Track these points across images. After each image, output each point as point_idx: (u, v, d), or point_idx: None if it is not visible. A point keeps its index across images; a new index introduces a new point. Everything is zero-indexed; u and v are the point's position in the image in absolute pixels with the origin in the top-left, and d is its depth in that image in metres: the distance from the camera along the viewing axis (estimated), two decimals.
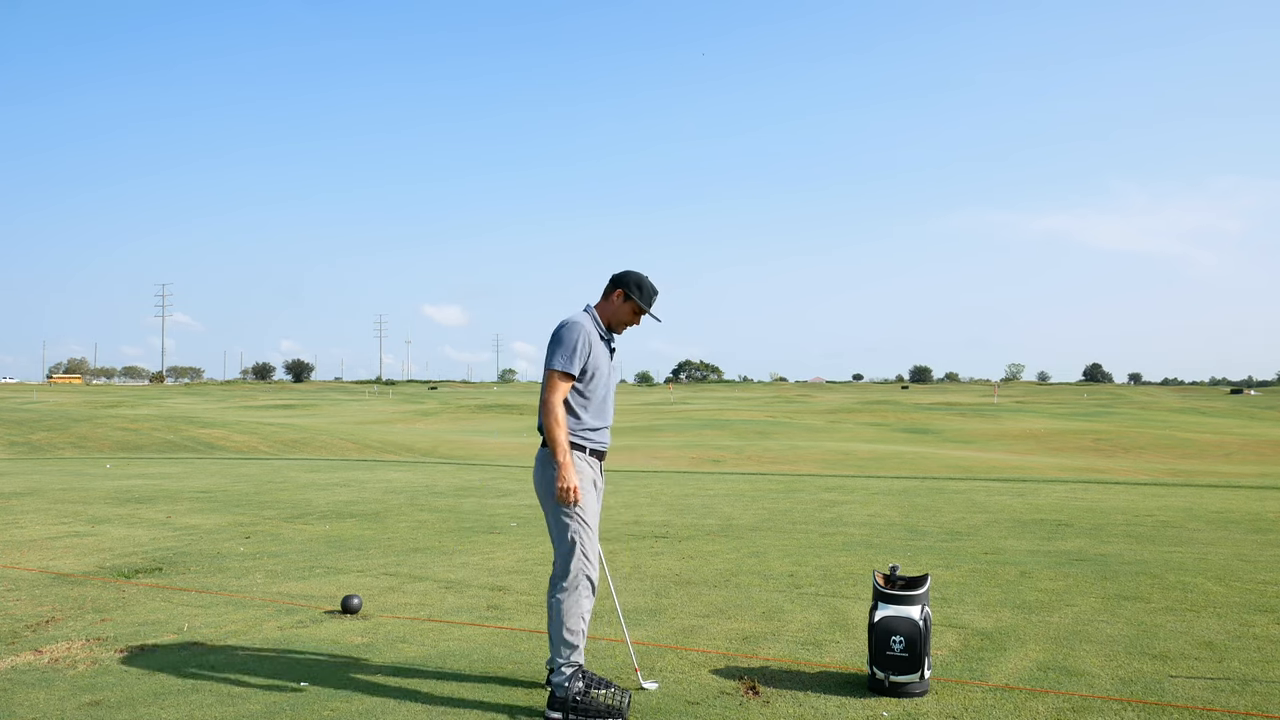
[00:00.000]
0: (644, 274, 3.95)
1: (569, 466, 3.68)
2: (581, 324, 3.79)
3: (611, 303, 3.91)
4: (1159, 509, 9.67)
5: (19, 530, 8.47)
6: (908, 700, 3.74)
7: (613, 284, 3.92)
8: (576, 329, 3.76)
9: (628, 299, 3.90)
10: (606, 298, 3.93)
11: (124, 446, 25.52)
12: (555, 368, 3.72)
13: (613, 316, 3.92)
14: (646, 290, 3.92)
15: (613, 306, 3.91)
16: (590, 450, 3.83)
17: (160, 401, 71.47)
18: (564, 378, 3.72)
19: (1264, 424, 55.78)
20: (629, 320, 3.94)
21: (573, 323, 3.78)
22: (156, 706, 3.71)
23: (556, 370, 3.72)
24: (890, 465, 23.94)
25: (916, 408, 67.41)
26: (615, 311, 3.91)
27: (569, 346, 3.73)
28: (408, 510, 9.90)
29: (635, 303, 3.90)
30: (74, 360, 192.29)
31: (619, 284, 3.91)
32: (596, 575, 3.78)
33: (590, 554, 3.77)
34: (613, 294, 3.91)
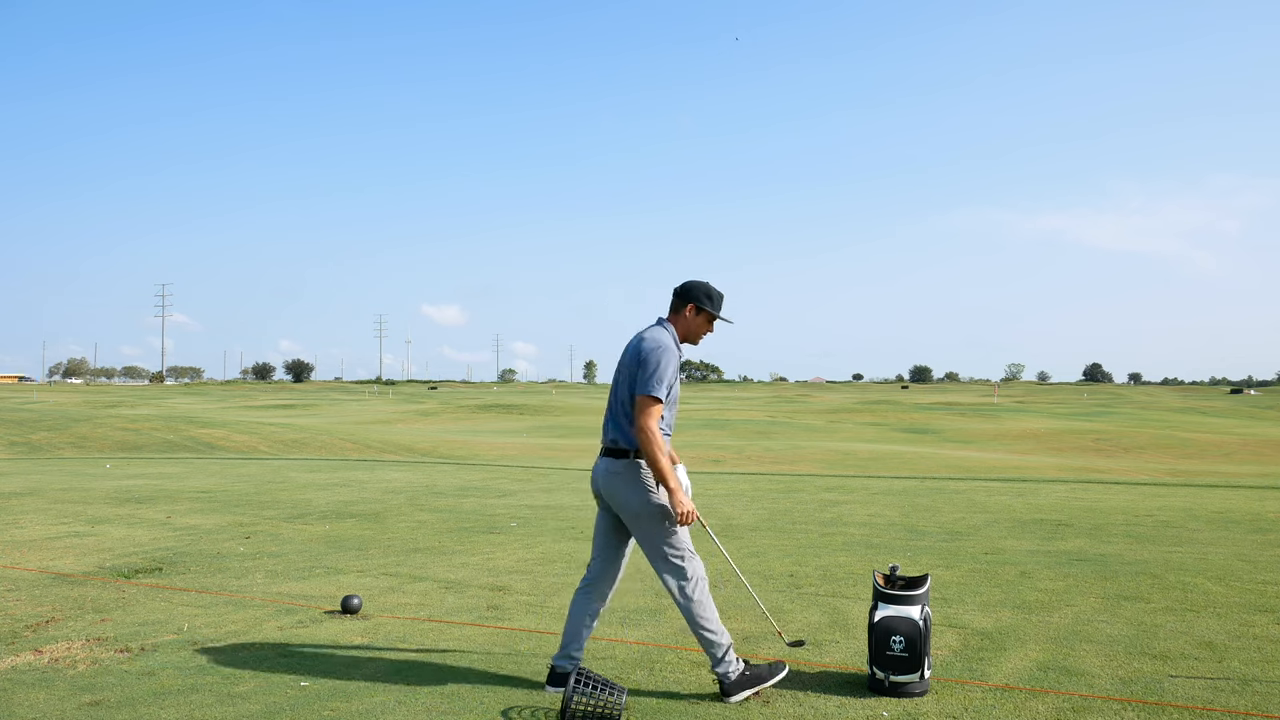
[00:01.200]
0: (706, 281, 4.00)
1: (680, 491, 3.78)
2: (670, 347, 3.85)
3: (685, 317, 3.97)
4: (1159, 509, 9.67)
5: (19, 530, 8.47)
6: (908, 700, 3.74)
7: (682, 299, 3.97)
8: (670, 355, 3.82)
9: (700, 311, 3.95)
10: (678, 313, 3.98)
11: (124, 446, 25.52)
12: (653, 394, 3.75)
13: (688, 330, 3.98)
14: (716, 298, 3.99)
15: (687, 321, 3.97)
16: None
17: (160, 401, 71.45)
18: (658, 402, 3.77)
19: (1264, 424, 55.78)
20: (705, 330, 4.01)
21: (665, 347, 3.82)
22: (156, 706, 3.71)
23: (653, 396, 3.76)
24: (890, 465, 23.94)
25: (916, 408, 67.40)
26: (690, 325, 3.98)
27: (665, 373, 3.78)
28: (408, 510, 9.90)
29: (709, 313, 3.96)
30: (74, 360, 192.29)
31: (689, 298, 3.95)
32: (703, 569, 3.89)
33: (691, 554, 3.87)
34: (684, 309, 3.96)
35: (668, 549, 3.84)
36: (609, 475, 3.89)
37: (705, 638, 3.82)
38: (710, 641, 3.81)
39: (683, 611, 3.85)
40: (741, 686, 3.75)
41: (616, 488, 3.87)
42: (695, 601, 3.82)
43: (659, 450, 3.73)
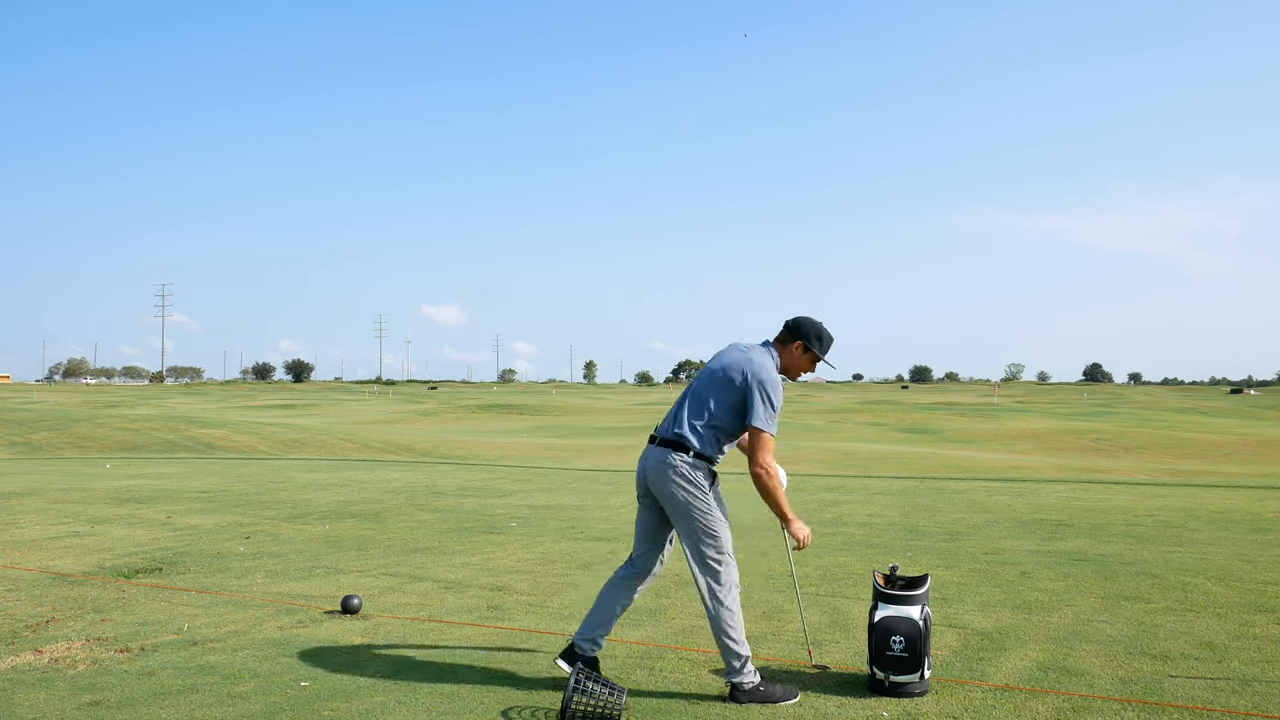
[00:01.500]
0: (820, 321, 4.01)
1: (797, 521, 3.93)
2: (779, 379, 3.89)
3: (791, 352, 3.99)
4: (1159, 509, 9.67)
5: (19, 530, 8.47)
6: (908, 700, 3.74)
7: (791, 333, 3.98)
8: (779, 387, 3.87)
9: (807, 350, 3.98)
10: (785, 345, 3.99)
11: (124, 446, 25.52)
12: (768, 430, 3.81)
13: (791, 365, 4.00)
14: (826, 341, 4.00)
15: (793, 356, 3.99)
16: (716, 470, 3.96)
17: (160, 401, 71.44)
18: (774, 439, 3.84)
19: (1264, 424, 55.77)
20: (805, 369, 4.03)
21: (776, 379, 3.87)
22: (156, 706, 3.71)
23: (769, 433, 3.81)
24: (890, 465, 23.94)
25: (916, 408, 67.40)
26: (794, 360, 3.99)
27: (775, 404, 3.83)
28: (408, 510, 9.90)
29: (814, 354, 3.98)
30: (74, 360, 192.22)
31: (799, 334, 3.97)
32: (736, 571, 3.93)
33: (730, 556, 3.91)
34: (792, 344, 3.98)
35: (707, 549, 3.85)
36: (661, 466, 3.87)
37: (726, 645, 3.80)
38: (731, 651, 3.80)
39: (709, 615, 3.85)
40: (753, 699, 3.74)
41: (666, 480, 3.86)
42: (725, 608, 3.82)
43: (780, 490, 3.85)
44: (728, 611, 3.82)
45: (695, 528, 3.86)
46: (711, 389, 3.90)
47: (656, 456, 3.92)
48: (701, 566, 3.88)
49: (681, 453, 3.86)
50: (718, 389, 3.88)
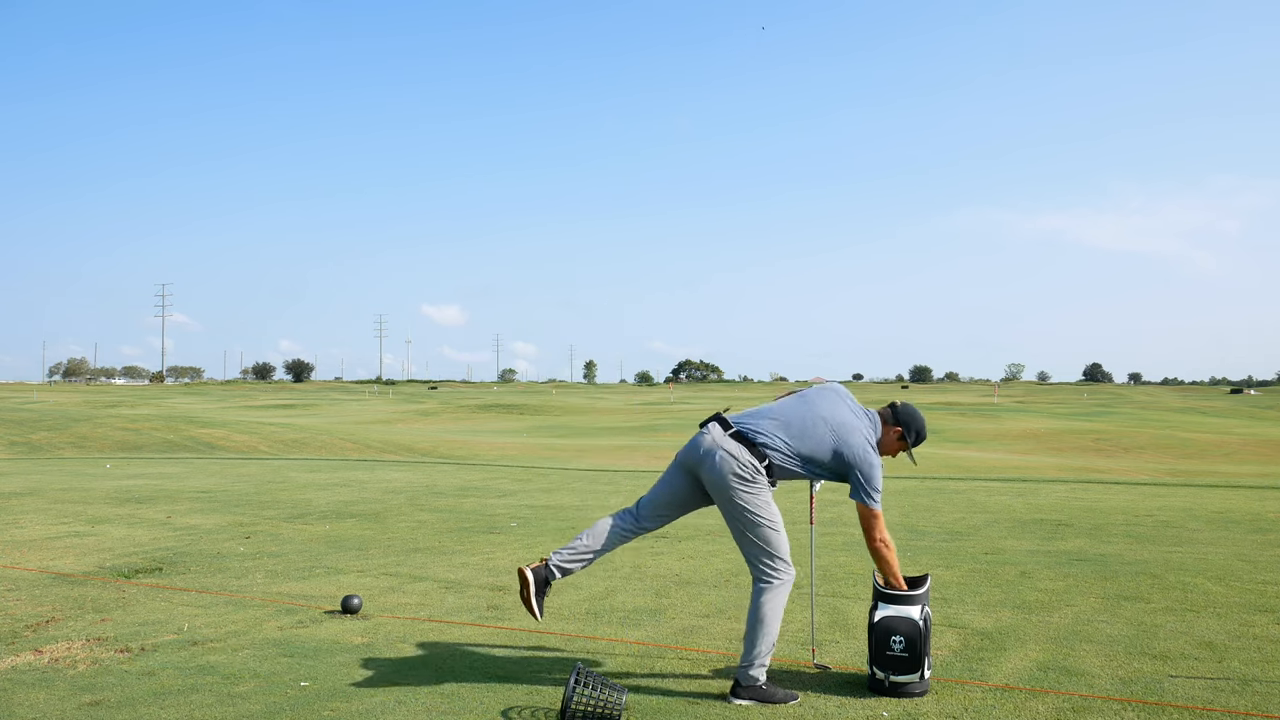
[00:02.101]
0: (924, 419, 4.14)
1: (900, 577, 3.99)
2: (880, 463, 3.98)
3: (889, 436, 4.07)
4: (1159, 509, 9.67)
5: (19, 530, 8.47)
6: (908, 700, 3.74)
7: (895, 419, 4.08)
8: (880, 466, 3.96)
9: (902, 439, 4.07)
10: (888, 424, 4.07)
11: (124, 446, 25.52)
12: (876, 508, 3.90)
13: (885, 446, 4.09)
14: (921, 438, 4.12)
15: (890, 437, 4.07)
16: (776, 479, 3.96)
17: (160, 401, 71.44)
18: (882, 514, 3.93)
19: (1264, 424, 55.78)
20: (893, 453, 4.13)
21: (879, 461, 3.97)
22: (156, 706, 3.71)
23: (877, 511, 3.90)
24: (890, 465, 23.95)
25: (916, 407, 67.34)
26: (889, 443, 4.09)
27: (878, 481, 3.92)
28: (408, 510, 9.90)
29: (905, 444, 4.08)
30: (74, 360, 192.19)
31: (901, 423, 4.08)
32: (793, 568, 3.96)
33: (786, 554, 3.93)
34: (893, 429, 4.06)
35: (763, 550, 3.85)
36: (727, 457, 3.83)
37: (751, 639, 3.81)
38: (753, 644, 3.80)
39: (755, 607, 3.84)
40: (753, 696, 3.75)
41: (729, 471, 3.81)
42: (769, 608, 3.82)
43: (895, 564, 3.94)
44: (770, 612, 3.82)
45: (752, 533, 3.84)
46: (813, 423, 3.91)
47: (724, 445, 3.86)
48: (758, 568, 3.87)
49: (753, 452, 3.84)
50: (817, 427, 3.90)
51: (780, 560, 3.86)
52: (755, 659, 3.79)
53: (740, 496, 3.82)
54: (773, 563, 3.86)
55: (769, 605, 3.82)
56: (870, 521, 3.89)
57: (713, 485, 3.87)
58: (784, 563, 3.87)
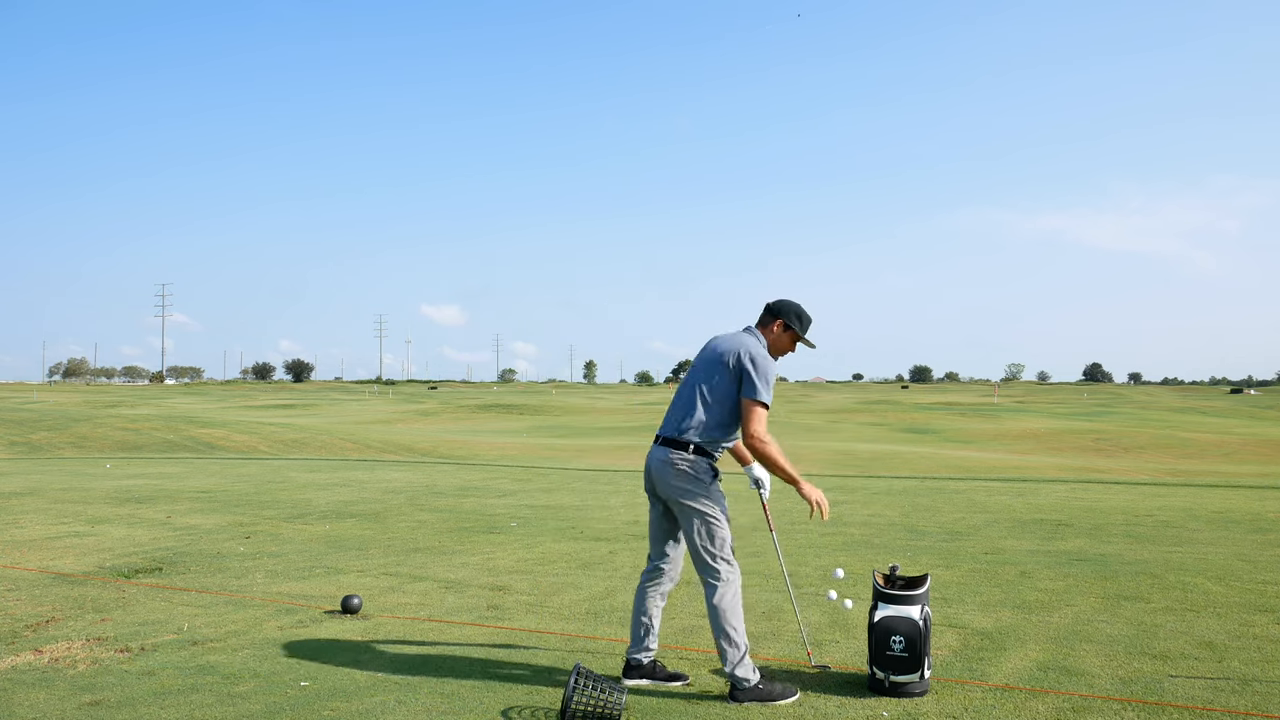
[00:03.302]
0: (799, 303, 4.04)
1: (807, 486, 3.91)
2: (769, 355, 3.93)
3: (773, 332, 4.01)
4: (1159, 509, 9.67)
5: (19, 530, 8.47)
6: (908, 700, 3.74)
7: (771, 314, 4.02)
8: (769, 361, 3.90)
9: (788, 329, 3.99)
10: (766, 326, 4.01)
11: (124, 446, 25.52)
12: (763, 400, 3.83)
13: (773, 345, 4.02)
14: (805, 320, 4.02)
15: (774, 336, 4.01)
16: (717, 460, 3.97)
17: (160, 401, 71.43)
18: (768, 409, 3.86)
19: (1264, 424, 55.78)
20: (787, 349, 4.05)
21: (765, 355, 3.91)
22: (156, 706, 3.71)
23: (764, 403, 3.83)
24: (890, 465, 23.94)
25: (916, 408, 67.41)
26: (775, 340, 4.02)
27: (769, 378, 3.86)
28: (408, 510, 9.90)
29: (795, 333, 3.99)
30: (74, 360, 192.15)
31: (778, 314, 4.00)
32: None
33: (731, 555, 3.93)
34: (773, 324, 4.01)
35: (707, 549, 3.88)
36: (663, 464, 3.91)
37: (722, 645, 3.83)
38: (724, 650, 3.82)
39: (709, 612, 3.88)
40: (752, 697, 3.75)
41: (669, 477, 3.89)
42: (722, 610, 3.85)
43: (782, 456, 3.84)
44: (728, 611, 3.84)
45: (696, 527, 3.88)
46: (704, 379, 3.93)
47: (658, 456, 3.94)
48: (702, 565, 3.91)
49: (681, 450, 3.89)
50: (710, 378, 3.91)
51: (722, 560, 3.88)
52: (736, 660, 3.80)
53: (685, 495, 3.87)
54: (714, 563, 3.87)
55: (725, 604, 3.84)
56: (750, 415, 3.82)
57: (666, 497, 3.93)
58: (726, 562, 3.88)
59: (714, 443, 3.92)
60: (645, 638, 4.01)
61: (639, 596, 4.09)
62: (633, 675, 3.99)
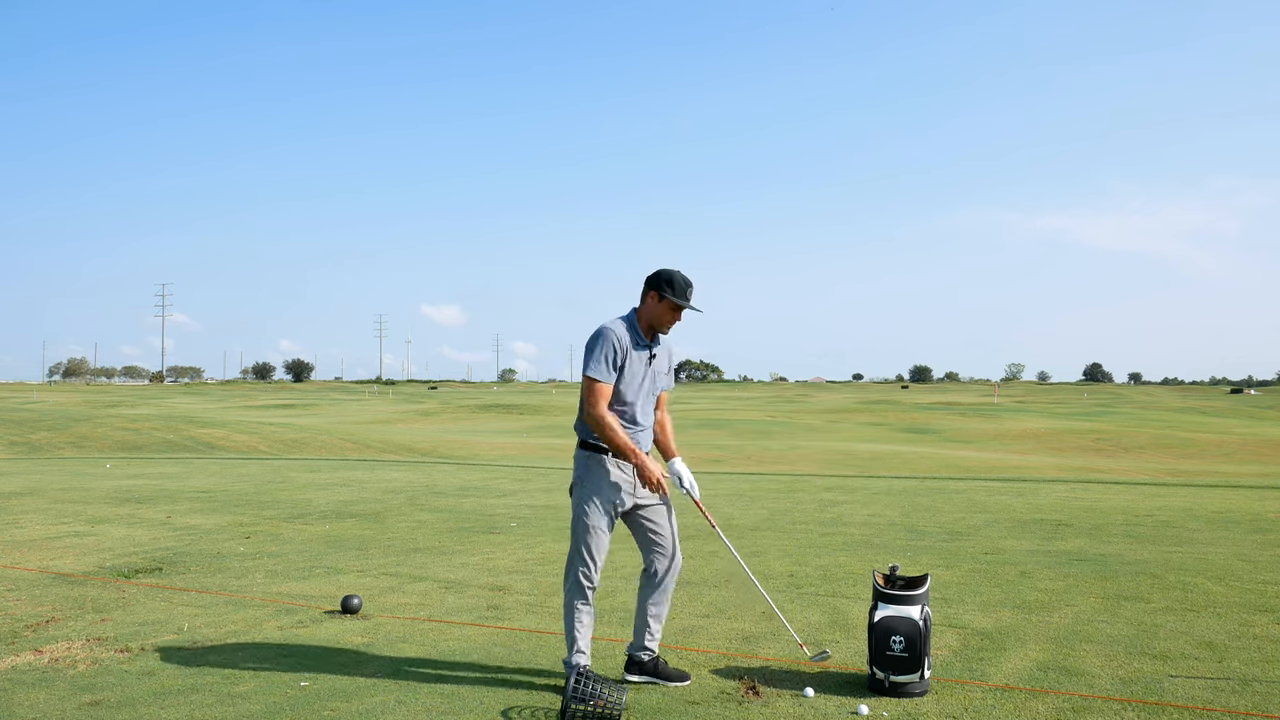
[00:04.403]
0: (674, 269, 3.95)
1: (647, 464, 3.83)
2: (611, 329, 3.85)
3: (648, 305, 3.95)
4: (1159, 509, 9.67)
5: (19, 530, 8.47)
6: (908, 700, 3.74)
7: (646, 286, 3.96)
8: (603, 334, 3.83)
9: (662, 298, 3.91)
10: (643, 300, 3.97)
11: (124, 446, 25.51)
12: (588, 374, 3.81)
13: (651, 318, 3.95)
14: (678, 284, 3.90)
15: (649, 308, 3.95)
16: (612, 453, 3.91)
17: (160, 401, 71.42)
18: (599, 383, 3.79)
19: (1264, 424, 55.77)
20: (670, 318, 3.95)
21: (600, 330, 3.86)
22: (156, 706, 3.71)
23: (589, 376, 3.80)
24: (890, 465, 23.93)
25: (916, 407, 67.40)
26: (652, 312, 3.94)
27: (596, 352, 3.82)
28: (408, 510, 9.90)
29: (670, 300, 3.90)
30: (74, 360, 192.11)
31: (651, 285, 3.94)
32: (596, 576, 3.92)
33: (592, 554, 3.89)
34: (647, 296, 3.94)
35: (575, 548, 3.92)
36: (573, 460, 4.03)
37: (568, 639, 3.91)
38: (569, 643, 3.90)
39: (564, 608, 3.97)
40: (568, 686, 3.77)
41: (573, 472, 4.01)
42: (570, 607, 3.90)
43: (612, 430, 3.78)
44: (571, 608, 3.89)
45: (573, 517, 3.95)
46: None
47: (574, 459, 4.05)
48: (570, 554, 3.96)
49: (580, 449, 3.97)
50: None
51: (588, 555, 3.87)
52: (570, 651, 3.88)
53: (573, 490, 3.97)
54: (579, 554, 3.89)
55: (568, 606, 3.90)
56: (583, 390, 3.87)
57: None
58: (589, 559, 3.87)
59: (591, 434, 3.92)
60: (643, 634, 4.01)
61: (638, 593, 4.11)
62: (633, 671, 4.00)
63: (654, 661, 4.00)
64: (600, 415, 3.78)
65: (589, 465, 3.91)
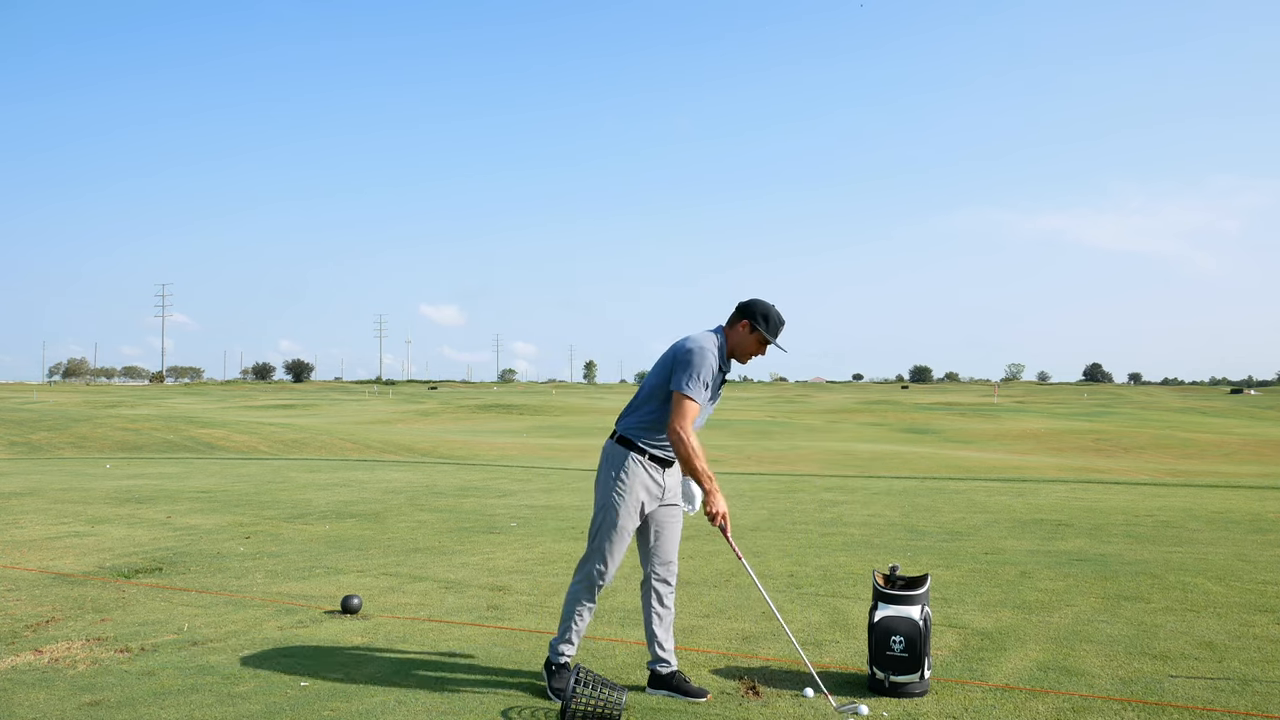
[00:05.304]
0: (771, 304, 3.92)
1: (718, 496, 3.79)
2: (711, 350, 3.80)
3: (738, 332, 3.90)
4: (1159, 509, 9.67)
5: (19, 530, 8.47)
6: (908, 700, 3.74)
7: (739, 313, 3.91)
8: (707, 355, 3.77)
9: (754, 330, 3.87)
10: (732, 326, 3.92)
11: (124, 446, 25.51)
12: (686, 392, 3.72)
13: (738, 346, 3.92)
14: (774, 322, 3.87)
15: (739, 336, 3.90)
16: (650, 456, 3.88)
17: (160, 401, 71.42)
18: (694, 403, 3.73)
19: (1264, 424, 55.77)
20: (754, 351, 3.93)
21: (702, 347, 3.79)
22: (156, 706, 3.71)
23: (686, 395, 3.72)
24: (890, 465, 23.94)
25: (916, 408, 67.41)
26: (740, 341, 3.91)
27: (697, 371, 3.73)
28: (408, 510, 9.90)
29: (761, 334, 3.87)
30: (74, 360, 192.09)
31: (745, 314, 3.88)
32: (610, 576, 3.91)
33: (611, 554, 3.87)
34: (739, 323, 3.90)
35: (596, 545, 3.89)
36: (602, 455, 3.97)
37: (562, 626, 3.93)
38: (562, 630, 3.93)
39: (566, 596, 3.96)
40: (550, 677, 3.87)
41: (600, 467, 3.95)
42: (574, 600, 3.90)
43: (695, 455, 3.70)
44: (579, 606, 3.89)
45: (600, 520, 3.90)
46: (650, 376, 3.94)
47: (603, 449, 3.99)
48: (587, 555, 3.92)
49: (620, 444, 3.90)
50: (651, 377, 3.92)
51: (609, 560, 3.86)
52: (558, 639, 3.92)
53: (601, 483, 3.92)
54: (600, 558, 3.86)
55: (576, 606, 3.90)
56: (673, 406, 3.75)
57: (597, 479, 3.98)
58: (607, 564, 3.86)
59: (640, 436, 3.87)
60: (653, 646, 3.97)
61: (642, 607, 4.07)
62: (653, 685, 3.93)
63: (672, 675, 3.93)
64: (687, 435, 3.72)
65: (627, 464, 3.85)
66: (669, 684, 3.90)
